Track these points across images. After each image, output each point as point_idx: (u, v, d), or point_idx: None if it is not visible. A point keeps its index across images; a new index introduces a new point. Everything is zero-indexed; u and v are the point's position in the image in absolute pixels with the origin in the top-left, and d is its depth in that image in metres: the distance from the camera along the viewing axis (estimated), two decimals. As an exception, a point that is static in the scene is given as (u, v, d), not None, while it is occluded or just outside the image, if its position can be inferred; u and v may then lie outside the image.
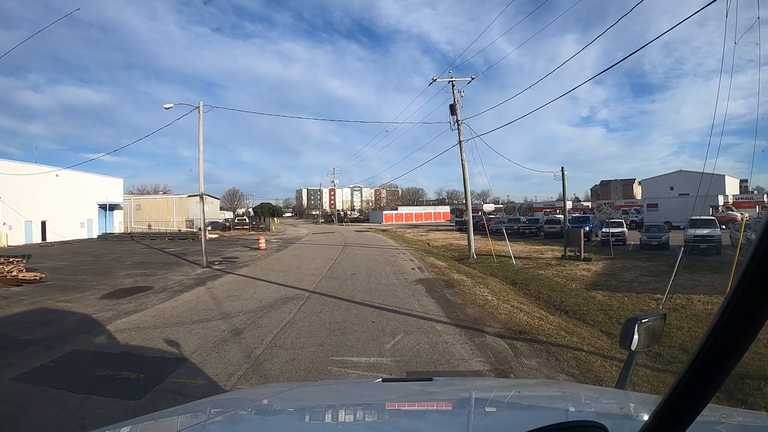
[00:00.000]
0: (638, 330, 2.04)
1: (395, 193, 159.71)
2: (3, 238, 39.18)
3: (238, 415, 2.11)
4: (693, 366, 0.76)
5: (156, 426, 2.02)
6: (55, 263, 24.68)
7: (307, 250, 32.14)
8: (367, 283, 16.50)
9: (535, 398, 2.50)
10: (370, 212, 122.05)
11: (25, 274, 17.61)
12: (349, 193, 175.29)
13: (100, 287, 16.40)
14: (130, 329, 10.34)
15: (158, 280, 18.21)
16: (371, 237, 48.21)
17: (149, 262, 25.29)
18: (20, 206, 40.80)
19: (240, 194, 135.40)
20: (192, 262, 24.77)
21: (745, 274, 0.67)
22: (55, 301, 14.02)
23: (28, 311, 12.72)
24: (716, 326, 0.71)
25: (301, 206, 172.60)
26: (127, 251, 33.02)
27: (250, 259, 26.01)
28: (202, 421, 2.00)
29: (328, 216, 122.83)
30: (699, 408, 0.79)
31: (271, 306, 12.57)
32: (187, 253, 29.99)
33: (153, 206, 68.08)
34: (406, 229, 67.30)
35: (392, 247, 33.85)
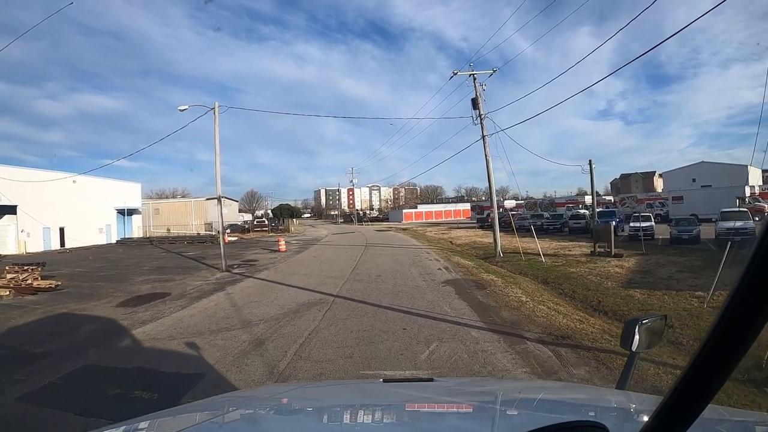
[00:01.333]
0: (639, 331, 2.08)
1: (414, 192, 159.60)
2: (21, 246, 39.57)
3: (239, 416, 2.14)
4: (694, 366, 0.76)
5: (154, 427, 2.02)
6: (72, 270, 24.59)
7: (328, 252, 31.70)
8: (393, 285, 15.91)
9: (535, 398, 2.52)
10: (390, 211, 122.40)
11: (40, 282, 17.38)
12: (367, 192, 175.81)
13: (117, 294, 16.09)
14: (145, 341, 9.92)
15: (176, 285, 17.86)
16: (392, 236, 47.74)
17: (167, 266, 25.06)
18: (38, 213, 41.10)
19: (258, 196, 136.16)
20: (211, 266, 24.44)
21: (746, 274, 0.67)
22: (69, 310, 13.69)
23: (40, 321, 12.43)
24: (717, 326, 0.71)
25: (320, 206, 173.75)
26: (145, 256, 32.96)
27: (270, 262, 25.62)
28: (202, 421, 2.00)
29: (347, 216, 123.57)
30: (700, 408, 0.79)
31: (293, 312, 12.05)
32: (206, 257, 29.72)
33: (171, 210, 68.52)
34: (427, 227, 66.58)
35: (415, 247, 33.33)
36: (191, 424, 1.93)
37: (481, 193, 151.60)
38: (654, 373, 6.97)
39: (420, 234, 49.44)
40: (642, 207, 51.52)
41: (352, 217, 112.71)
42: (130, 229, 55.77)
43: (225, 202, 77.26)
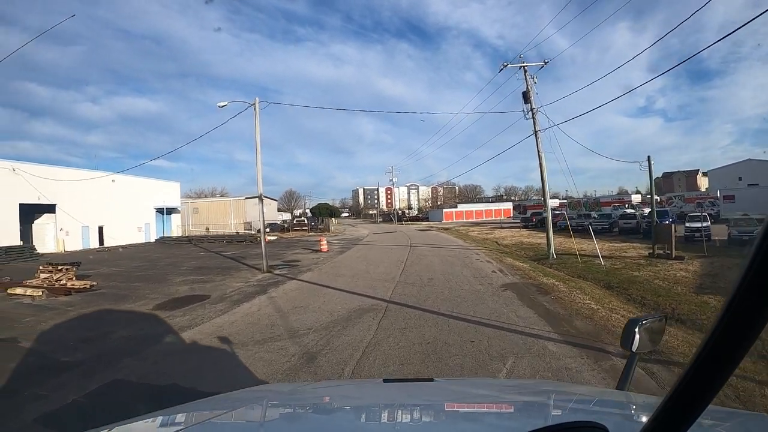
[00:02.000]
0: (639, 331, 2.12)
1: (452, 191, 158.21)
2: (60, 244, 40.10)
3: (239, 415, 2.14)
4: (694, 367, 0.76)
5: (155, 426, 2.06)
6: (109, 269, 24.25)
7: (372, 252, 30.68)
8: (449, 289, 14.78)
9: (536, 399, 2.53)
10: (429, 210, 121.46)
11: (74, 283, 16.86)
12: (405, 191, 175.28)
13: (153, 296, 15.41)
14: (182, 351, 9.05)
15: (216, 287, 17.10)
16: (436, 236, 46.57)
17: (206, 266, 24.49)
18: (77, 212, 41.64)
19: (297, 195, 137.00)
20: (251, 266, 23.71)
21: (747, 274, 0.67)
22: (100, 313, 13.07)
23: (71, 325, 11.80)
24: (717, 327, 0.72)
25: (358, 206, 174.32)
26: (184, 255, 32.69)
27: (312, 263, 24.76)
28: (202, 420, 2.03)
29: (387, 215, 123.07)
30: (700, 409, 0.79)
31: (345, 320, 11.03)
32: (246, 257, 29.11)
33: (210, 209, 69.02)
34: (469, 227, 65.07)
35: (462, 247, 32.13)
36: (191, 424, 1.94)
37: (521, 193, 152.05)
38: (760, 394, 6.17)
39: (463, 234, 48.24)
40: (690, 206, 49.37)
41: (391, 217, 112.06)
42: (169, 228, 56.27)
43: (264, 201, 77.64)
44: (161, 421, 2.11)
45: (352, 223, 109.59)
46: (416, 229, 66.30)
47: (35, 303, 14.88)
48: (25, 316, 12.86)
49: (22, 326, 11.70)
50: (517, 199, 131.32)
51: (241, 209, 68.33)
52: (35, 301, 15.11)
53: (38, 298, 15.44)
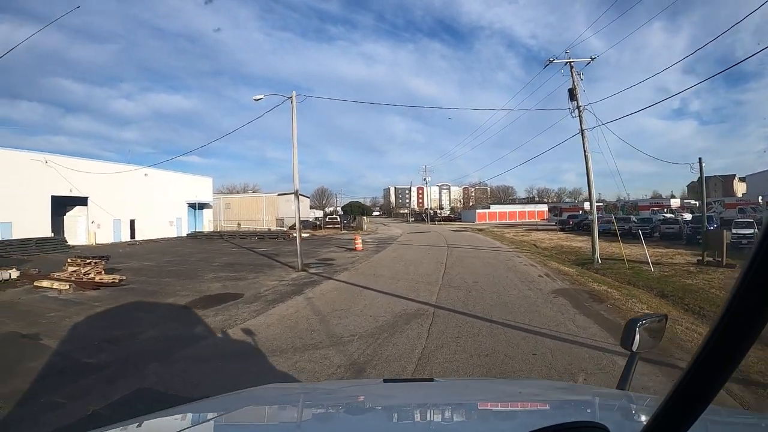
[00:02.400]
0: (639, 331, 2.14)
1: (484, 192, 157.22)
2: (91, 237, 40.35)
3: (239, 415, 2.13)
4: (694, 367, 0.77)
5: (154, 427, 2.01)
6: (139, 263, 23.88)
7: (408, 252, 29.74)
8: (497, 294, 13.84)
9: (536, 398, 2.52)
10: (462, 211, 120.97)
11: (103, 277, 16.37)
12: (437, 191, 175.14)
13: (184, 293, 14.79)
14: (214, 357, 8.32)
15: (249, 285, 16.42)
16: (471, 237, 45.51)
17: (239, 263, 23.92)
18: (109, 205, 41.86)
19: (329, 193, 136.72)
20: (285, 264, 23.05)
21: (746, 274, 0.68)
22: (128, 310, 12.47)
23: (97, 322, 11.21)
24: (718, 327, 0.72)
25: (389, 205, 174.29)
26: (215, 251, 32.29)
27: (348, 262, 23.95)
28: (202, 421, 2.02)
29: (418, 215, 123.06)
30: (700, 409, 0.80)
31: (390, 326, 10.16)
32: (279, 254, 28.47)
33: (242, 205, 69.02)
34: (503, 228, 63.62)
35: (500, 249, 31.15)
36: (192, 424, 1.93)
37: (553, 195, 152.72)
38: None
39: (499, 235, 47.21)
40: (732, 212, 48.17)
41: (423, 216, 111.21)
42: (200, 222, 56.36)
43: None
44: (162, 422, 2.08)
45: (384, 222, 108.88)
46: (450, 229, 65.26)
47: (61, 297, 14.40)
48: (50, 311, 12.34)
49: (46, 322, 11.15)
50: (550, 201, 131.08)
51: (273, 206, 68.11)
52: (62, 295, 14.62)
53: (65, 291, 14.95)
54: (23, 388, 6.79)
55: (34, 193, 35.26)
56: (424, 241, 40.31)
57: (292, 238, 43.60)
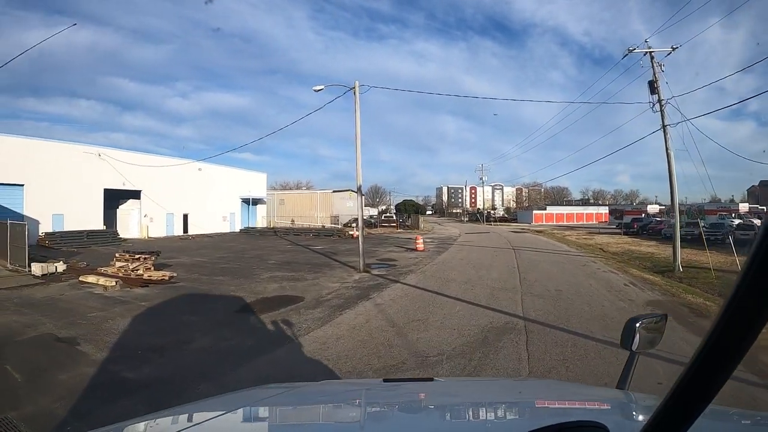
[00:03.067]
0: (639, 330, 2.16)
1: (538, 192, 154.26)
2: (144, 230, 40.42)
3: (238, 415, 2.14)
4: (694, 366, 0.77)
5: (154, 427, 2.00)
6: (191, 259, 23.05)
7: (473, 254, 27.92)
8: (588, 305, 12.20)
9: (536, 398, 2.57)
10: (518, 212, 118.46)
11: (152, 273, 15.41)
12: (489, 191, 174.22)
13: (239, 294, 13.65)
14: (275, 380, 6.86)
15: (309, 287, 15.11)
16: (534, 239, 43.27)
17: (295, 261, 22.73)
18: (162, 199, 41.93)
19: (382, 191, 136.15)
20: (345, 264, 21.70)
21: (746, 274, 0.68)
22: (178, 312, 11.24)
23: (143, 326, 10.13)
24: (718, 326, 0.73)
25: (441, 204, 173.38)
26: (270, 247, 31.33)
27: (412, 263, 22.42)
28: (202, 421, 2.00)
29: (472, 214, 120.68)
30: (700, 408, 0.80)
31: (481, 343, 8.64)
32: (337, 253, 27.18)
33: (296, 201, 68.88)
34: (563, 230, 60.78)
35: (570, 253, 29.10)
36: (191, 425, 1.90)
37: (609, 196, 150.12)
38: None
39: (561, 238, 44.96)
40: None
41: (477, 216, 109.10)
42: (254, 218, 56.19)
43: (351, 196, 77.13)
44: (162, 422, 2.03)
45: (438, 221, 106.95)
46: (509, 230, 62.83)
47: (107, 294, 13.45)
48: (93, 311, 11.34)
49: (87, 323, 10.13)
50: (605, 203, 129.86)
51: (327, 202, 67.65)
52: (107, 292, 13.69)
53: (111, 288, 14.01)
54: (49, 409, 5.75)
55: (87, 186, 35.47)
56: (485, 242, 38.43)
57: (347, 237, 42.73)
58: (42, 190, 32.27)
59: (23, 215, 30.56)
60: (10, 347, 8.49)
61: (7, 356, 7.94)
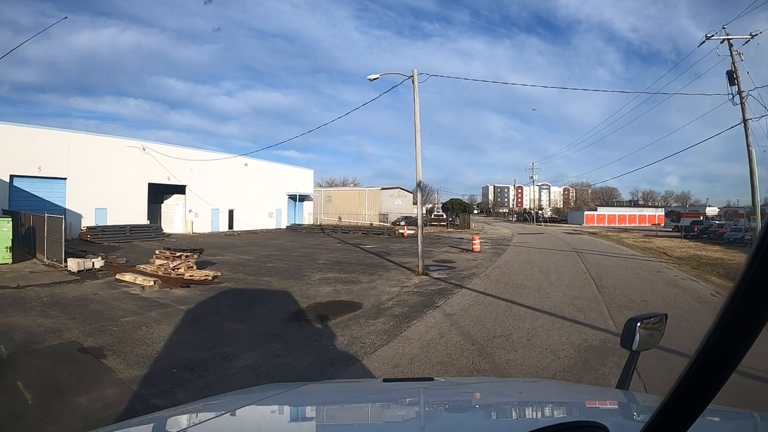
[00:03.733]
0: (639, 330, 2.15)
1: (585, 192, 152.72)
2: (188, 225, 40.05)
3: (238, 415, 2.09)
4: (695, 366, 0.77)
5: (153, 427, 2.01)
6: (236, 256, 22.00)
7: (535, 257, 26.03)
8: (685, 321, 10.38)
9: (535, 398, 2.57)
10: (569, 212, 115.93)
11: (193, 273, 14.33)
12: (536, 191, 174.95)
13: (289, 298, 12.40)
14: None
15: (366, 291, 13.73)
16: (591, 241, 40.97)
17: (347, 261, 21.41)
18: (207, 194, 41.53)
19: (429, 189, 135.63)
20: (400, 265, 20.29)
21: (747, 274, 0.69)
22: (221, 319, 9.99)
23: (180, 336, 8.90)
24: (718, 326, 0.73)
25: (487, 203, 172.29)
26: (318, 246, 30.17)
27: (472, 265, 20.82)
28: (201, 421, 2.01)
29: (520, 214, 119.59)
30: (700, 408, 0.81)
31: (581, 368, 7.25)
32: (389, 252, 25.75)
33: (344, 198, 68.20)
34: (617, 232, 57.70)
35: (637, 257, 26.80)
36: (191, 425, 1.92)
37: (659, 198, 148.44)
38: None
39: (619, 240, 42.37)
40: None
41: (526, 216, 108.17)
42: (300, 215, 55.52)
43: (399, 194, 76.14)
44: (162, 422, 2.04)
45: (485, 220, 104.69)
46: (561, 231, 60.41)
47: (143, 295, 12.36)
48: (126, 314, 10.23)
49: (117, 330, 9.00)
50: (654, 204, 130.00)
51: (376, 200, 66.57)
52: (144, 293, 12.61)
53: (149, 288, 12.95)
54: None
55: (131, 180, 35.25)
56: (543, 243, 36.38)
57: (398, 235, 41.47)
58: (85, 184, 32.07)
59: (65, 209, 30.61)
60: (27, 357, 7.41)
61: (21, 369, 6.85)
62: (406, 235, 41.59)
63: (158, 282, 13.27)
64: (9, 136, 29.07)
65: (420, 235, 18.81)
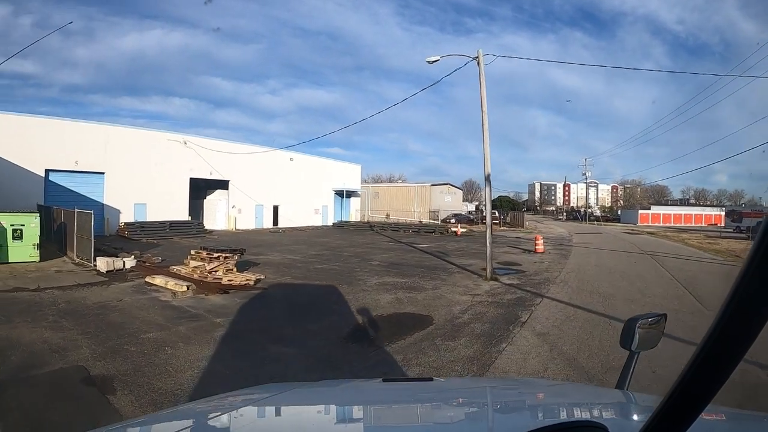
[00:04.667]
0: (639, 330, 2.13)
1: (633, 190, 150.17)
2: (231, 222, 39.02)
3: (238, 415, 2.09)
4: (694, 365, 0.77)
5: (153, 427, 2.02)
6: (281, 256, 20.41)
7: (606, 259, 23.56)
8: None
9: (535, 398, 2.57)
10: (622, 211, 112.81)
11: (233, 276, 12.74)
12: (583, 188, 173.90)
13: (344, 309, 10.79)
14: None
15: (433, 300, 11.86)
16: (654, 242, 38.12)
17: (404, 263, 19.51)
18: (251, 189, 40.44)
19: (476, 186, 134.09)
20: (462, 267, 18.31)
21: (746, 274, 0.69)
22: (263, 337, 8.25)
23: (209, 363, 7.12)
24: (717, 326, 0.74)
25: (533, 201, 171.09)
26: (369, 244, 28.42)
27: (541, 269, 18.70)
28: (201, 421, 2.00)
29: (570, 213, 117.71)
30: (700, 408, 0.82)
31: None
32: (447, 253, 23.75)
33: (392, 194, 66.87)
34: (676, 233, 54.01)
35: (716, 261, 24.08)
36: (190, 425, 1.90)
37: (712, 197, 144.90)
38: None
39: (682, 241, 39.54)
40: None
41: (576, 215, 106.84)
42: (347, 211, 54.30)
43: (450, 190, 74.19)
44: (161, 422, 2.05)
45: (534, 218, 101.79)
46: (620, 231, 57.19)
47: (174, 303, 10.78)
48: (150, 328, 8.64)
49: (136, 351, 7.39)
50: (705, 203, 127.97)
51: (425, 196, 64.87)
52: (175, 300, 11.04)
53: (181, 294, 11.36)
54: None
55: (172, 175, 34.42)
56: (606, 244, 33.71)
57: (451, 234, 39.63)
58: (123, 179, 31.33)
59: (103, 204, 29.95)
60: (18, 388, 5.86)
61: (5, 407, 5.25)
62: (459, 233, 39.65)
63: (192, 287, 11.66)
64: (44, 129, 28.42)
65: (489, 236, 16.70)
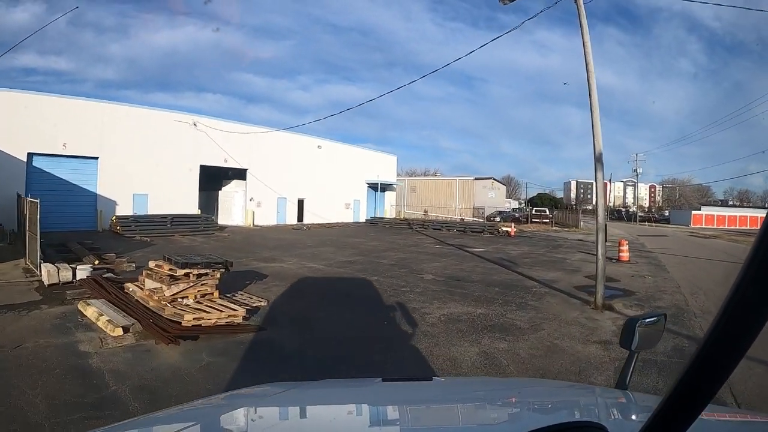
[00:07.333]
0: (638, 330, 2.16)
1: (673, 191, 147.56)
2: (249, 216, 35.06)
3: (237, 415, 2.10)
4: (694, 365, 0.78)
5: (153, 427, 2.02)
6: (300, 264, 15.82)
7: (716, 271, 18.53)
8: None
9: (535, 398, 2.59)
10: (672, 211, 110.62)
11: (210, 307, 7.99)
12: (620, 187, 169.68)
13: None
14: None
15: (546, 358, 7.38)
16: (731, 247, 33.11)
17: (466, 278, 14.54)
18: (273, 180, 36.61)
19: (515, 182, 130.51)
20: (546, 284, 13.62)
21: (746, 273, 0.70)
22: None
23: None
24: (717, 325, 0.74)
25: (569, 199, 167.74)
26: (412, 247, 23.52)
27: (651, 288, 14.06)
28: (201, 421, 1.99)
29: (614, 212, 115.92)
30: (700, 408, 0.82)
31: None
32: (513, 261, 18.89)
33: (431, 189, 63.03)
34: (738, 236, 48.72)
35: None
36: (190, 424, 1.89)
37: (756, 198, 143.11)
38: None
39: None
40: None
41: (622, 215, 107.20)
42: (381, 207, 50.39)
43: (493, 185, 69.21)
44: (161, 422, 2.04)
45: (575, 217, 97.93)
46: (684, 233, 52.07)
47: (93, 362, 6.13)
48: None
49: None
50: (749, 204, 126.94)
51: (468, 191, 60.48)
52: (100, 351, 6.44)
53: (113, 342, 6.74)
54: None
55: (179, 162, 30.77)
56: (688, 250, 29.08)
57: (503, 234, 35.15)
58: (122, 165, 27.62)
59: (96, 194, 26.36)
60: None
61: None
62: (513, 233, 34.74)
63: (135, 327, 7.07)
64: (27, 106, 24.63)
65: (600, 245, 11.53)
